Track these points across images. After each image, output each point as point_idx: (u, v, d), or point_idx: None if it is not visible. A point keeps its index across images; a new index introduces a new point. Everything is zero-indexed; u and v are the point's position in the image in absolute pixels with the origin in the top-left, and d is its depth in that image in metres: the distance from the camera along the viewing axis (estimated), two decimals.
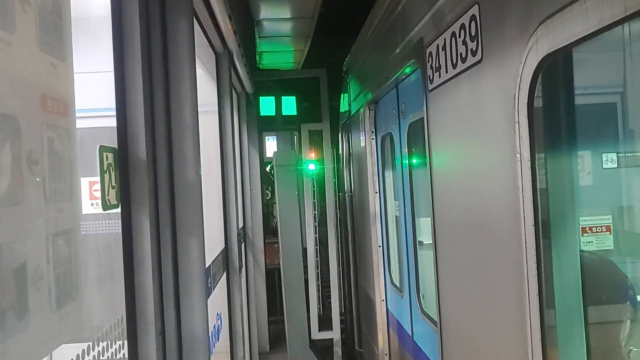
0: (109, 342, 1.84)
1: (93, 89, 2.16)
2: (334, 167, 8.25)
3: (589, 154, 2.77)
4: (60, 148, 1.42)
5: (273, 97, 8.08)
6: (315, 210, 8.26)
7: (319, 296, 8.06)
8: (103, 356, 1.79)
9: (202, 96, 2.61)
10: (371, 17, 4.78)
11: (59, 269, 1.40)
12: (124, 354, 1.95)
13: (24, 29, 1.26)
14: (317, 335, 7.59)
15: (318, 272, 8.13)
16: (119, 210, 1.93)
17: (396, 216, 4.89)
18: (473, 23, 2.33)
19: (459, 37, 2.48)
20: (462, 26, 2.44)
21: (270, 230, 9.51)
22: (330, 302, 7.87)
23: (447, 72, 2.68)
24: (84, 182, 1.93)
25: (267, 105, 8.19)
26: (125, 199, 1.97)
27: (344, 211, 7.51)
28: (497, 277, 2.23)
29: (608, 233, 2.88)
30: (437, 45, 2.81)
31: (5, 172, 1.15)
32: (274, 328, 8.36)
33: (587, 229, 2.89)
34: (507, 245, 2.06)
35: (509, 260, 2.05)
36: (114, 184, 1.85)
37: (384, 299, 5.23)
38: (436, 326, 3.12)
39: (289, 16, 6.46)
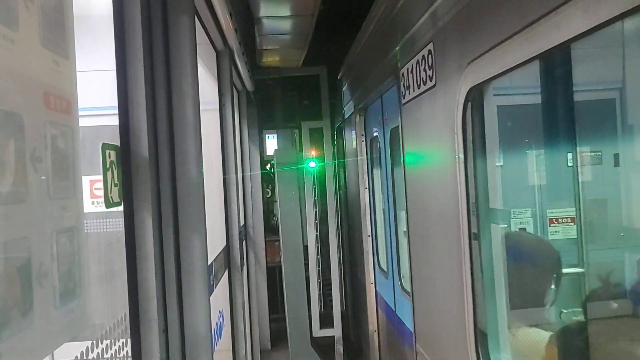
0: (112, 340, 1.84)
1: (95, 87, 2.16)
2: (335, 164, 8.24)
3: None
4: (64, 145, 1.42)
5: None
6: (316, 208, 8.26)
7: (320, 294, 8.06)
8: (106, 354, 1.79)
9: (203, 94, 2.61)
10: (359, 37, 5.50)
11: (63, 266, 1.40)
12: (127, 352, 1.95)
13: (27, 27, 1.26)
14: (318, 332, 7.60)
15: (319, 270, 8.13)
16: (121, 208, 1.93)
17: (383, 209, 5.53)
18: (430, 56, 2.96)
19: (422, 64, 3.12)
20: (423, 57, 3.07)
21: (271, 229, 9.50)
22: (331, 300, 7.88)
23: (414, 91, 3.33)
24: (85, 180, 1.93)
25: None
26: (128, 196, 1.97)
27: (344, 207, 8.02)
28: (446, 252, 2.85)
29: (572, 224, 3.23)
30: (408, 69, 3.46)
31: (10, 169, 1.16)
32: (275, 326, 8.37)
33: (554, 220, 3.30)
34: (451, 227, 2.70)
35: (453, 238, 2.67)
36: (116, 181, 1.85)
37: (373, 282, 5.98)
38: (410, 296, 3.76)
39: (288, 14, 6.44)
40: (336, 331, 7.55)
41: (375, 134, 5.62)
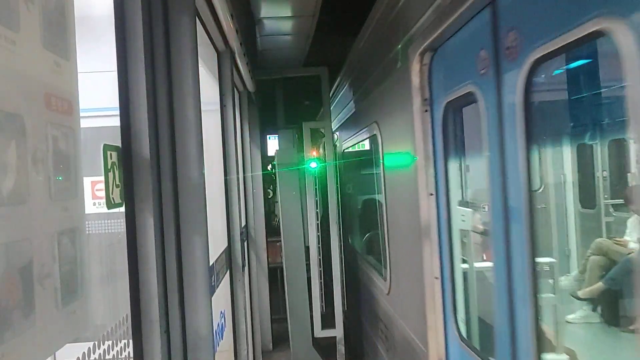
0: (114, 341, 1.84)
1: (96, 88, 2.16)
2: (336, 164, 8.25)
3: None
4: (65, 147, 1.42)
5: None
6: (317, 208, 8.25)
7: (321, 294, 8.06)
8: (108, 355, 1.79)
9: (204, 95, 2.60)
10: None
11: (65, 267, 1.40)
12: (128, 353, 1.95)
13: (28, 28, 1.26)
14: (320, 333, 7.59)
15: (320, 271, 8.13)
16: (123, 209, 1.93)
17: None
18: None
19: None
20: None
21: (272, 229, 9.50)
22: (332, 300, 7.88)
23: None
24: (86, 181, 1.93)
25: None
26: (129, 197, 1.97)
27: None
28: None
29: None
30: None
31: (12, 171, 1.16)
32: (277, 327, 8.37)
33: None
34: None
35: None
36: (117, 182, 1.85)
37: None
38: None
39: (289, 15, 6.45)
40: (338, 332, 7.55)
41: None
